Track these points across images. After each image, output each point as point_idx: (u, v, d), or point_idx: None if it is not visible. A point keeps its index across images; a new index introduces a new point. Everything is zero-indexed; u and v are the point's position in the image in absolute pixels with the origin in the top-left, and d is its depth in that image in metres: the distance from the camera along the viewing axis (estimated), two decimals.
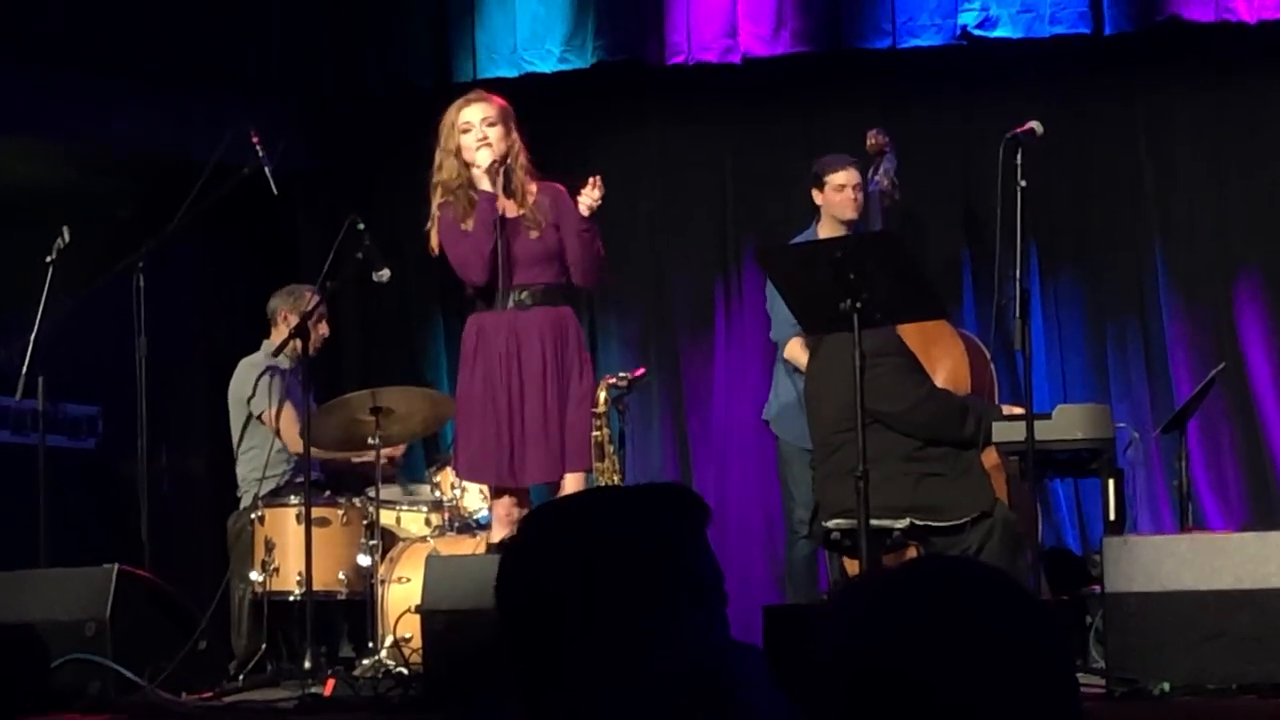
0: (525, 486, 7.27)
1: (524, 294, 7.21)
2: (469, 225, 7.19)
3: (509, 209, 7.24)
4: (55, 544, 7.91)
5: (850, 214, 8.31)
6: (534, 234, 7.23)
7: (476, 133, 7.21)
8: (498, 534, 7.29)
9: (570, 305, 7.40)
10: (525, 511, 7.14)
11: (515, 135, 7.26)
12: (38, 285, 8.07)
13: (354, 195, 9.62)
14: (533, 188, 7.28)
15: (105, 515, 9.00)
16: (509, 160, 7.22)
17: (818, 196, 8.42)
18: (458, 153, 7.23)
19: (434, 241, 7.29)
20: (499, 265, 7.15)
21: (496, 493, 7.35)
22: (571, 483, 7.15)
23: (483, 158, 7.18)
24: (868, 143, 8.19)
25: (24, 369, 7.97)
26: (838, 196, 8.34)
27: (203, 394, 9.75)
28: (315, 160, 10.26)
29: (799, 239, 8.34)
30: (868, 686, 1.65)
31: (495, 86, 7.97)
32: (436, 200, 7.28)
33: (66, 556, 7.84)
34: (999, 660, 1.65)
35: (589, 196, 7.15)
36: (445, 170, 7.26)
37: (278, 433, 8.43)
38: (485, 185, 7.17)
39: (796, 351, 8.29)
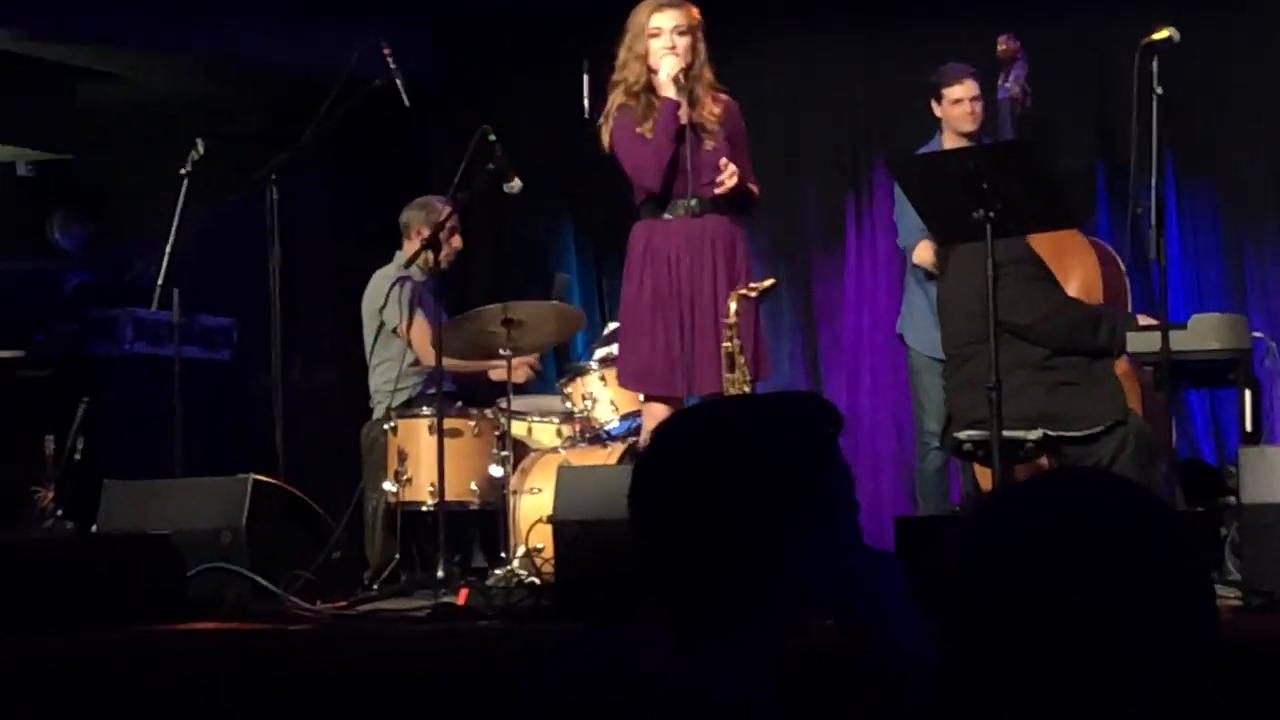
0: (696, 395, 7.19)
1: (694, 202, 7.18)
2: (645, 129, 7.14)
3: (686, 117, 7.17)
4: (190, 454, 8.01)
5: (969, 126, 8.23)
6: (709, 144, 7.18)
7: (666, 40, 7.14)
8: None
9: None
10: None
11: (702, 45, 7.21)
12: (173, 198, 8.15)
13: (484, 107, 9.61)
14: (710, 98, 7.25)
15: (240, 426, 9.09)
16: (693, 70, 7.18)
17: (936, 109, 8.34)
18: (644, 57, 7.19)
19: (605, 139, 7.26)
20: (676, 172, 7.14)
21: (655, 400, 7.34)
22: None
23: (669, 64, 7.11)
24: (999, 48, 8.08)
25: (160, 281, 8.06)
26: (955, 110, 8.26)
27: (335, 305, 9.81)
28: (446, 72, 10.26)
29: (922, 152, 8.25)
30: (1005, 601, 1.64)
31: None
32: (615, 100, 7.23)
33: (201, 466, 7.93)
34: (1136, 573, 1.64)
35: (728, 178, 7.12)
36: (628, 72, 7.19)
37: (409, 344, 8.47)
38: (668, 92, 7.13)
39: (925, 254, 8.20)
